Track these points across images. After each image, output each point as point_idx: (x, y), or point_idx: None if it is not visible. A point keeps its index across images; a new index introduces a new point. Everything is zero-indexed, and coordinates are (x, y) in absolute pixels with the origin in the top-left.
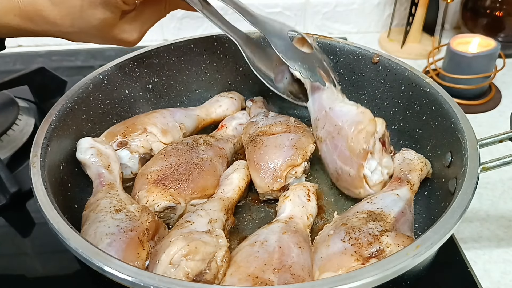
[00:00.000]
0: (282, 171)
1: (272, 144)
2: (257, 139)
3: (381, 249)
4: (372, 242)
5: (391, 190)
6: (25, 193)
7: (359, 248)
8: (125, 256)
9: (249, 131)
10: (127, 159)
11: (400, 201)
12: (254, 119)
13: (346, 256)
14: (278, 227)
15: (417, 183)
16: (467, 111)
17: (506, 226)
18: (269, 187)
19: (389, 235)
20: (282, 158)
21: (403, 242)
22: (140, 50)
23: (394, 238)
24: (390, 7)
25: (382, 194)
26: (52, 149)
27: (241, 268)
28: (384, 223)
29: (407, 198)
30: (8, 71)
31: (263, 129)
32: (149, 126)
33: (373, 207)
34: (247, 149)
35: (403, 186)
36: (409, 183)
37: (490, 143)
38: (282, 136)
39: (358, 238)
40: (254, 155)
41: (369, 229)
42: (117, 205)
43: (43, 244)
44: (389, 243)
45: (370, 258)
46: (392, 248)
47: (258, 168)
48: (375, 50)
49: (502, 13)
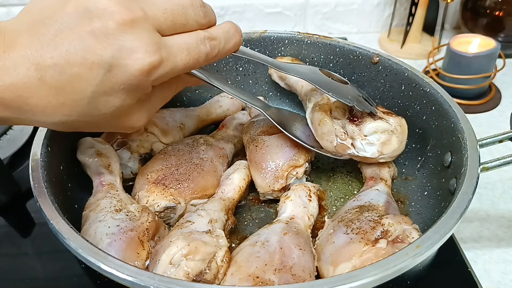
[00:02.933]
0: (283, 171)
1: (273, 144)
2: (258, 138)
3: (386, 230)
4: (375, 226)
5: (370, 187)
6: (25, 193)
7: (364, 234)
8: (125, 256)
9: (250, 130)
10: (127, 159)
11: (382, 194)
12: (255, 119)
13: (354, 244)
14: (279, 227)
15: (389, 179)
16: (467, 111)
17: (506, 226)
18: (270, 187)
19: (388, 217)
20: (283, 158)
21: (402, 219)
22: None
23: (394, 218)
24: (390, 7)
25: (363, 192)
26: (52, 149)
27: (241, 268)
28: (378, 211)
29: (386, 191)
30: None
31: (264, 128)
32: (149, 126)
33: (361, 203)
34: (248, 148)
35: (379, 183)
36: (383, 180)
37: (490, 143)
38: (284, 136)
39: (360, 227)
40: (255, 154)
41: (367, 217)
42: (117, 205)
43: (43, 244)
44: (391, 223)
45: (378, 240)
46: (395, 227)
47: (259, 168)
48: (375, 50)
49: (502, 13)
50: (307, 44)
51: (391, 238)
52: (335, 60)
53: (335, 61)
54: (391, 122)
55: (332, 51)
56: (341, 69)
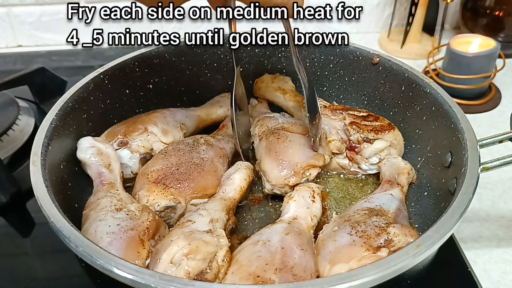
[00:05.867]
0: (302, 168)
1: (297, 141)
2: (281, 132)
3: (390, 239)
4: (380, 233)
5: (384, 191)
6: (25, 193)
7: (367, 239)
8: (125, 255)
9: (267, 123)
10: (128, 159)
11: (395, 200)
12: (271, 115)
13: (356, 247)
14: (281, 227)
15: (406, 185)
16: (467, 111)
17: (506, 226)
18: (285, 181)
19: (395, 227)
20: (305, 156)
21: (409, 232)
22: (140, 50)
23: (401, 229)
24: (390, 7)
25: (377, 194)
26: (52, 148)
27: (242, 267)
28: (386, 217)
29: (400, 197)
30: (8, 71)
31: (285, 125)
32: (150, 126)
33: (371, 205)
34: (267, 139)
35: (394, 188)
36: (399, 185)
37: (490, 143)
38: (306, 138)
39: (365, 231)
40: (276, 145)
41: (374, 222)
42: (117, 204)
43: (44, 244)
44: (397, 233)
45: (380, 248)
46: (400, 238)
47: (278, 159)
48: (375, 51)
49: (502, 13)
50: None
51: (394, 248)
52: (335, 61)
53: (335, 61)
54: (386, 139)
55: (332, 51)
56: (341, 70)
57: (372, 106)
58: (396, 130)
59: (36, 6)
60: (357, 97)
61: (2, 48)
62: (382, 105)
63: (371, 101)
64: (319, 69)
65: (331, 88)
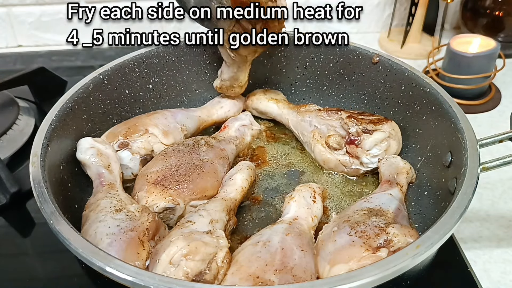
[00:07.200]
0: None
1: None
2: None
3: (389, 239)
4: (379, 233)
5: (383, 191)
6: (25, 193)
7: (367, 240)
8: (125, 256)
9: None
10: (128, 160)
11: (395, 200)
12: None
13: (355, 247)
14: (282, 228)
15: (405, 185)
16: (467, 111)
17: (506, 226)
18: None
19: (394, 227)
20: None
21: (409, 232)
22: (140, 50)
23: (400, 229)
24: (390, 7)
25: (376, 194)
26: (52, 148)
27: (242, 268)
28: (386, 218)
29: (399, 197)
30: (8, 71)
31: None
32: (151, 127)
33: (371, 205)
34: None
35: (394, 187)
36: (399, 185)
37: (490, 143)
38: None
39: (364, 231)
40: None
41: (373, 223)
42: (117, 205)
43: (43, 244)
44: (396, 233)
45: (379, 248)
46: (399, 238)
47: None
48: (375, 50)
49: (502, 13)
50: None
51: (393, 248)
52: (335, 60)
53: (335, 61)
54: (384, 130)
55: (332, 51)
56: (341, 69)
57: (372, 106)
58: (393, 122)
59: (36, 6)
60: (357, 97)
61: (2, 48)
62: (382, 105)
63: (371, 100)
64: (319, 69)
65: (331, 88)
